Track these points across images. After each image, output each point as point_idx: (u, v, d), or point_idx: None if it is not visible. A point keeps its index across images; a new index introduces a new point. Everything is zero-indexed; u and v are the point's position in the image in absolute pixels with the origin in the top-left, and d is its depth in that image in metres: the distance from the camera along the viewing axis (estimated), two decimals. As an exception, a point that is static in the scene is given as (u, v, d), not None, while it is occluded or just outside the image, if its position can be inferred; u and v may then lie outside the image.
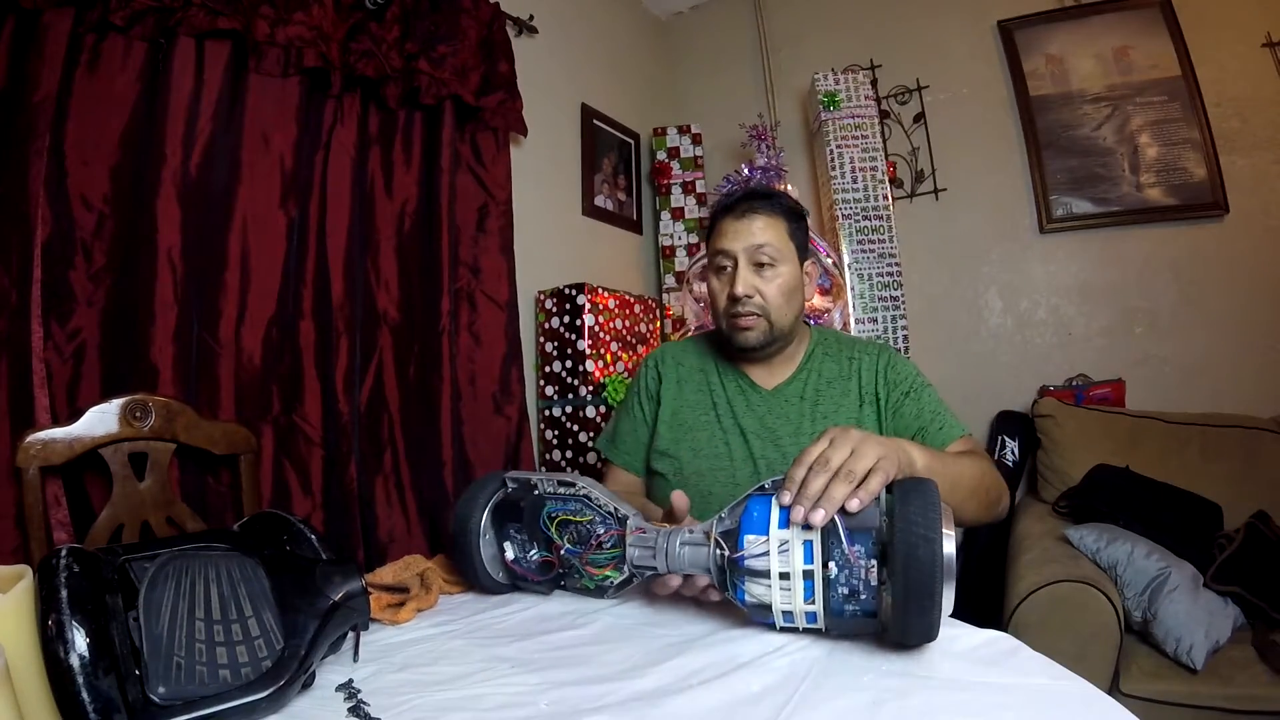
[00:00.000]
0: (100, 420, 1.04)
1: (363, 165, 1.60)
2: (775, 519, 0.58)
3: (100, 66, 1.21)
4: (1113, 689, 1.26)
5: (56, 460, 1.00)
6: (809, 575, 0.56)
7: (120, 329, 1.21)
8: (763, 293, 0.99)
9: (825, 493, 0.56)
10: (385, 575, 0.82)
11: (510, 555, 0.75)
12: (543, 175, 2.19)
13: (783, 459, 0.99)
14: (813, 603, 0.56)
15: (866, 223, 2.30)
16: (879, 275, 2.28)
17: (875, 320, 2.27)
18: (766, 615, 0.59)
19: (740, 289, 0.98)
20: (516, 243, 1.91)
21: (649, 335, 2.29)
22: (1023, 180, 2.36)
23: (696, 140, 2.70)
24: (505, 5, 1.94)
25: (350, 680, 0.57)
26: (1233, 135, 2.12)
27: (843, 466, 0.58)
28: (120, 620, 0.48)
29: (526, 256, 1.98)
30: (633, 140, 2.70)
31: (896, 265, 2.29)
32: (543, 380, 2.07)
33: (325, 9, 1.45)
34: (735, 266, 1.00)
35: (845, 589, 0.55)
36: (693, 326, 2.22)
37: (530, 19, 2.11)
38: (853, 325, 2.22)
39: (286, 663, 0.52)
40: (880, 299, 2.28)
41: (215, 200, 1.34)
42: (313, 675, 0.55)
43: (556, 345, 2.05)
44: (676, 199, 2.67)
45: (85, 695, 0.42)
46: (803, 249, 1.05)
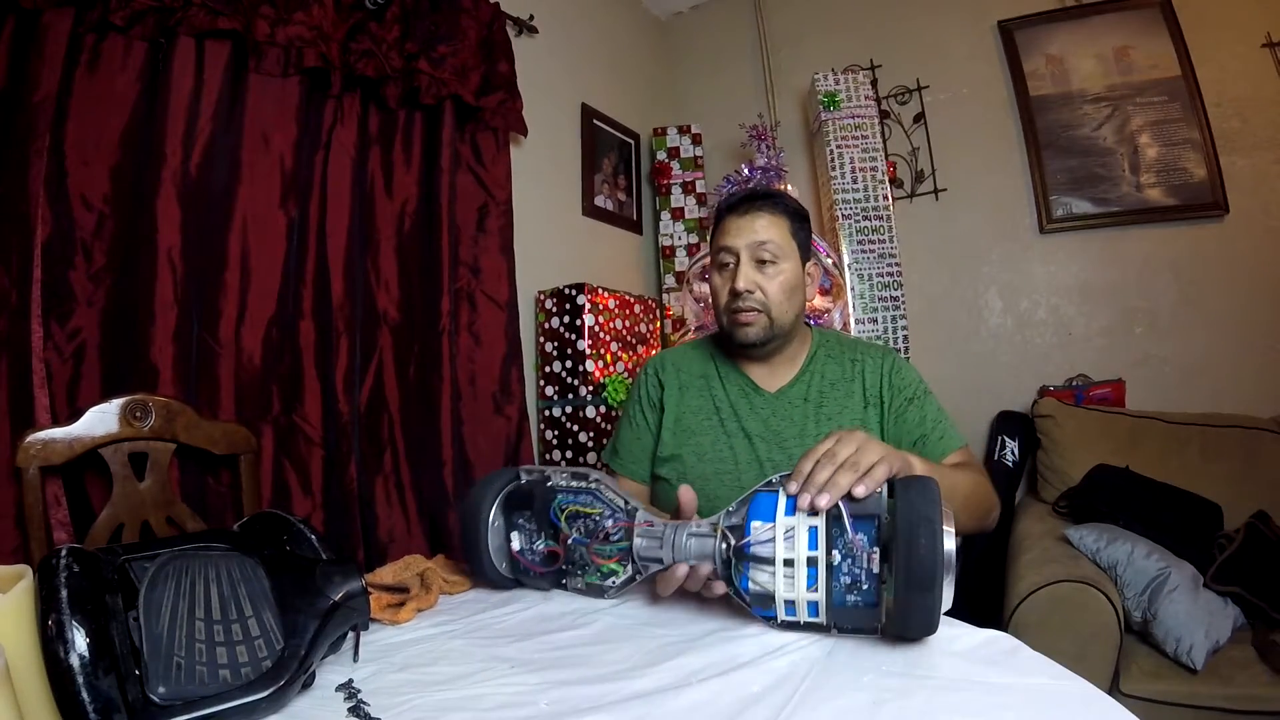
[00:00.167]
0: (100, 420, 1.05)
1: (363, 165, 1.60)
2: (783, 507, 0.60)
3: (100, 66, 1.21)
4: (1113, 689, 1.26)
5: (56, 460, 1.00)
6: (813, 562, 0.57)
7: (120, 329, 1.21)
8: (764, 289, 1.00)
9: (831, 479, 0.58)
10: (385, 575, 0.82)
11: (516, 545, 0.76)
12: (543, 175, 2.19)
13: (789, 461, 0.99)
14: (815, 591, 0.57)
15: (866, 223, 2.30)
16: (879, 275, 2.28)
17: (875, 320, 2.27)
18: (768, 607, 0.60)
19: (741, 284, 0.99)
20: (516, 243, 1.92)
21: (649, 335, 2.29)
22: (1023, 180, 2.36)
23: (696, 140, 2.70)
24: (505, 5, 1.94)
25: (350, 680, 0.57)
26: (1233, 135, 2.12)
27: (848, 459, 0.60)
28: (120, 620, 0.48)
29: (526, 256, 1.98)
30: (633, 140, 2.70)
31: (896, 265, 2.29)
32: (543, 380, 2.07)
33: (325, 9, 1.45)
34: (737, 263, 1.01)
35: (848, 578, 0.57)
36: (693, 326, 2.22)
37: (530, 19, 2.11)
38: (853, 325, 2.22)
39: (286, 663, 0.52)
40: (880, 299, 2.28)
41: (215, 200, 1.34)
42: (313, 675, 0.55)
43: (556, 345, 2.05)
44: (676, 199, 2.67)
45: (85, 695, 0.42)
46: (805, 249, 1.05)
